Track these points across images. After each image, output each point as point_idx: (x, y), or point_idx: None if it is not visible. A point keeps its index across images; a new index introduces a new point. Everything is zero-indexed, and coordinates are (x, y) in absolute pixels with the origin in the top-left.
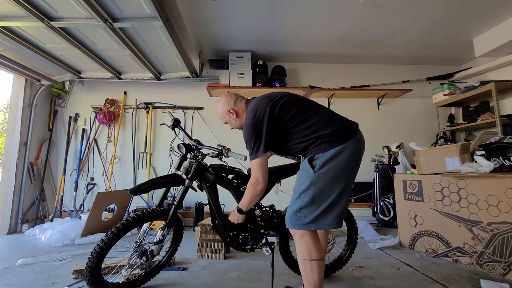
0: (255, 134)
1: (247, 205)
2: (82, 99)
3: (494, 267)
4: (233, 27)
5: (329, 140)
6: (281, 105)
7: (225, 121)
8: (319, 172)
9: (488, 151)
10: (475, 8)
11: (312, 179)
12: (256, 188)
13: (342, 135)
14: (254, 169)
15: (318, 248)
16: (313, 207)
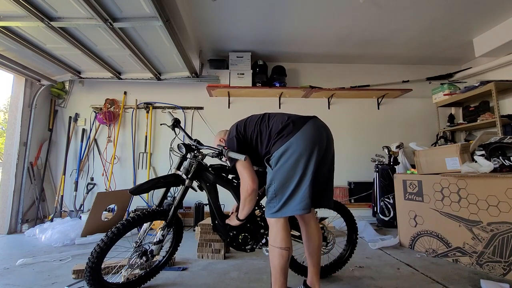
0: (230, 146)
1: (246, 213)
2: (82, 99)
3: (494, 267)
4: (233, 27)
5: (279, 138)
6: (245, 123)
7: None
8: (275, 168)
9: (488, 151)
10: (475, 8)
11: (272, 176)
12: (249, 190)
13: (288, 131)
14: (241, 171)
15: (284, 238)
16: (278, 198)
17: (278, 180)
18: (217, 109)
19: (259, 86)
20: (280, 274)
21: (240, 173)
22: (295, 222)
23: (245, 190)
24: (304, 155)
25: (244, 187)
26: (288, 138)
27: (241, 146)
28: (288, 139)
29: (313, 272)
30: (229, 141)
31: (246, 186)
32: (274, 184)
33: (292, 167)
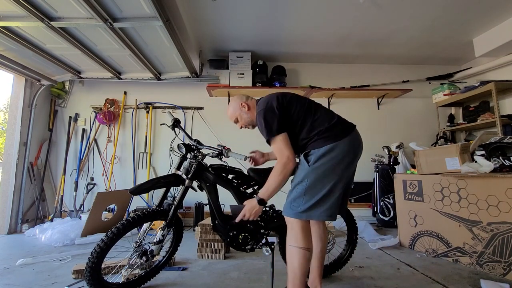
0: (269, 116)
1: (273, 192)
2: (82, 99)
3: (494, 267)
4: (233, 27)
5: (324, 137)
6: (290, 99)
7: (236, 118)
8: (313, 166)
9: (488, 151)
10: (475, 8)
11: (306, 172)
12: (288, 166)
13: (336, 133)
14: (280, 147)
15: (305, 238)
16: (306, 198)
17: (312, 179)
18: (217, 109)
19: (259, 86)
20: (300, 275)
21: (278, 149)
22: None
23: (284, 166)
24: (344, 162)
25: (283, 162)
26: (335, 140)
27: (282, 120)
28: (335, 141)
29: (317, 273)
30: (266, 112)
31: (287, 161)
32: (306, 181)
33: (330, 170)
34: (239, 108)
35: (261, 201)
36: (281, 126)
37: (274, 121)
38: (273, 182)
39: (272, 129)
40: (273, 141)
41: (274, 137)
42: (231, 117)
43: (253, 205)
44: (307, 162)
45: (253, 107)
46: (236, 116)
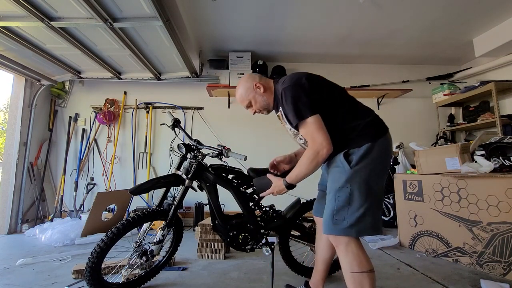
0: (298, 93)
1: (301, 179)
2: (82, 99)
3: (494, 267)
4: (233, 27)
5: (364, 133)
6: (322, 78)
7: (248, 102)
8: (356, 168)
9: (488, 151)
10: (475, 8)
11: (348, 176)
12: (321, 153)
13: (376, 131)
14: (311, 131)
15: (367, 257)
16: (352, 209)
17: (357, 183)
18: (217, 109)
19: None
20: None
21: (310, 133)
22: (296, 219)
23: (317, 152)
24: (386, 164)
25: (316, 148)
26: (374, 138)
27: (314, 100)
28: (375, 140)
29: (321, 277)
30: (295, 88)
31: (321, 147)
32: (349, 187)
33: (375, 173)
34: (252, 90)
35: (290, 185)
36: (313, 106)
37: (305, 100)
38: (303, 169)
39: (302, 110)
40: (303, 125)
41: (303, 120)
42: (242, 101)
43: (281, 188)
44: (348, 163)
45: (269, 88)
46: (249, 99)
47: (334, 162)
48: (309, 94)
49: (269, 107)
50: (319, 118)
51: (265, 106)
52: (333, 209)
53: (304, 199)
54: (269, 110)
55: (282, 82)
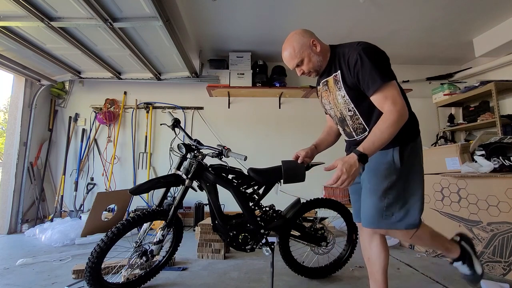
0: (381, 55)
1: (379, 148)
2: (82, 99)
3: (494, 267)
4: (233, 27)
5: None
6: None
7: (299, 60)
8: (407, 164)
9: (488, 151)
10: (475, 8)
11: (399, 174)
12: (405, 117)
13: (417, 124)
14: (395, 94)
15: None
16: (401, 206)
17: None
18: (217, 109)
19: (259, 86)
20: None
21: (392, 97)
22: (296, 219)
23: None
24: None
25: (399, 109)
26: (417, 132)
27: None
28: (418, 135)
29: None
30: (376, 50)
31: (403, 109)
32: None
33: (421, 170)
34: (308, 47)
35: (364, 157)
36: (392, 72)
37: (387, 63)
38: (384, 135)
39: (386, 71)
40: (385, 87)
41: (387, 82)
42: (292, 58)
43: (351, 162)
44: (400, 159)
45: (324, 48)
46: (302, 57)
47: (381, 159)
48: (388, 60)
49: (320, 69)
50: (397, 85)
51: (317, 67)
52: (383, 206)
53: (304, 199)
54: (318, 72)
55: (347, 46)
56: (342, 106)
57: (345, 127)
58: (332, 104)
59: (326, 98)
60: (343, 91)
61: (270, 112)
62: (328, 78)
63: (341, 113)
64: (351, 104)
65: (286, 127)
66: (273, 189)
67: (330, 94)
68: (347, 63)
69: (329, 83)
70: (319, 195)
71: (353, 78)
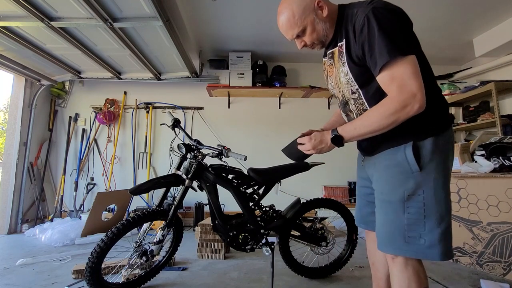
0: (398, 21)
1: (361, 136)
2: (82, 99)
3: (494, 267)
4: (233, 27)
5: (442, 116)
6: None
7: (300, 29)
8: (429, 166)
9: (488, 151)
10: (475, 8)
11: (417, 179)
12: (410, 108)
13: (448, 115)
14: (404, 75)
15: (425, 272)
16: (430, 223)
17: (431, 188)
18: (217, 109)
19: (259, 86)
20: None
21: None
22: (296, 219)
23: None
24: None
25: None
26: (449, 123)
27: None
28: (450, 126)
29: None
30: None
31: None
32: (422, 194)
33: (447, 172)
34: (312, 10)
35: (338, 139)
36: (411, 42)
37: (405, 33)
38: (372, 125)
39: (399, 42)
40: (394, 65)
41: (398, 57)
42: (290, 26)
43: (323, 139)
44: (417, 162)
45: (333, 11)
46: (303, 25)
47: (391, 159)
48: (409, 26)
49: (327, 40)
50: (416, 61)
51: (323, 37)
52: (403, 223)
53: (304, 199)
54: (324, 44)
55: (358, 5)
56: (345, 87)
57: (348, 112)
58: (334, 83)
59: (331, 75)
60: (346, 67)
61: (270, 112)
62: (333, 49)
63: (343, 95)
64: (355, 85)
65: (286, 127)
66: (273, 189)
67: (335, 69)
68: (353, 29)
69: (334, 56)
70: (319, 195)
71: (359, 50)
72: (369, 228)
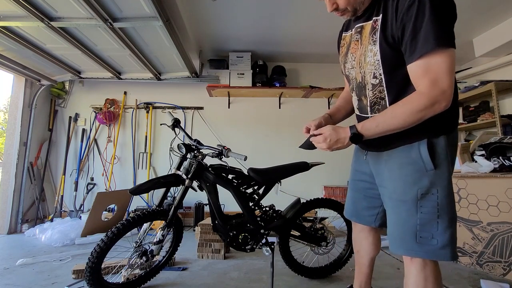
0: (452, 12)
1: (383, 133)
2: (82, 99)
3: (494, 267)
4: (233, 27)
5: (455, 114)
6: None
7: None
8: (444, 164)
9: (488, 151)
10: (475, 8)
11: (432, 177)
12: (438, 105)
13: (458, 116)
14: (442, 69)
15: (440, 273)
16: (443, 223)
17: (445, 186)
18: (217, 109)
19: (259, 86)
20: None
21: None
22: (296, 219)
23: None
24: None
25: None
26: (457, 125)
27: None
28: (456, 127)
29: (369, 279)
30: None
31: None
32: (438, 193)
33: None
34: None
35: (358, 138)
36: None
37: (453, 21)
38: (396, 120)
39: (448, 33)
40: (436, 55)
41: (442, 48)
42: None
43: (340, 138)
44: (431, 160)
45: None
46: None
47: (405, 157)
48: (455, 18)
49: (360, 9)
50: (455, 56)
51: (359, 3)
52: (415, 223)
53: (304, 199)
54: (356, 13)
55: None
56: (368, 68)
57: (362, 96)
58: (355, 62)
59: (353, 52)
60: (377, 46)
61: (270, 112)
62: (364, 24)
63: (364, 78)
64: (380, 69)
65: (286, 127)
66: (273, 189)
67: (361, 46)
68: (397, 4)
69: (364, 31)
70: (319, 195)
71: (398, 29)
72: (361, 222)
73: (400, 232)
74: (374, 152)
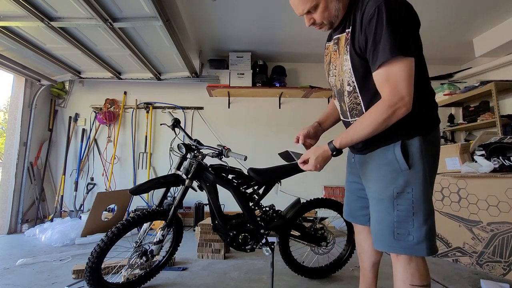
0: (408, 19)
1: (359, 139)
2: (82, 99)
3: (494, 267)
4: (233, 27)
5: (433, 114)
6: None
7: (313, 4)
8: (418, 163)
9: (488, 151)
10: (475, 8)
11: (406, 177)
12: (398, 112)
13: (436, 115)
14: (399, 77)
15: (427, 269)
16: (418, 220)
17: (420, 185)
18: (217, 109)
19: (259, 86)
20: None
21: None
22: (296, 219)
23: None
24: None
25: (393, 101)
26: (437, 123)
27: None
28: (436, 127)
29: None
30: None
31: (398, 101)
32: (413, 191)
33: (433, 171)
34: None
35: (339, 152)
36: (414, 44)
37: (411, 33)
38: (365, 128)
39: (404, 42)
40: (393, 64)
41: (398, 56)
42: (300, 3)
43: (325, 157)
44: (405, 160)
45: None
46: (317, 0)
47: (382, 158)
48: (417, 26)
49: (336, 22)
50: (412, 64)
51: (334, 17)
52: (393, 220)
53: (304, 199)
54: (332, 26)
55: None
56: (345, 76)
57: (341, 102)
58: (336, 70)
59: (333, 62)
60: (348, 56)
61: (270, 112)
62: (340, 35)
63: (342, 85)
64: (353, 77)
65: (286, 127)
66: (273, 189)
67: (339, 56)
68: (362, 18)
69: (340, 42)
70: (319, 195)
71: (362, 41)
72: (357, 222)
73: (380, 229)
74: (358, 154)
